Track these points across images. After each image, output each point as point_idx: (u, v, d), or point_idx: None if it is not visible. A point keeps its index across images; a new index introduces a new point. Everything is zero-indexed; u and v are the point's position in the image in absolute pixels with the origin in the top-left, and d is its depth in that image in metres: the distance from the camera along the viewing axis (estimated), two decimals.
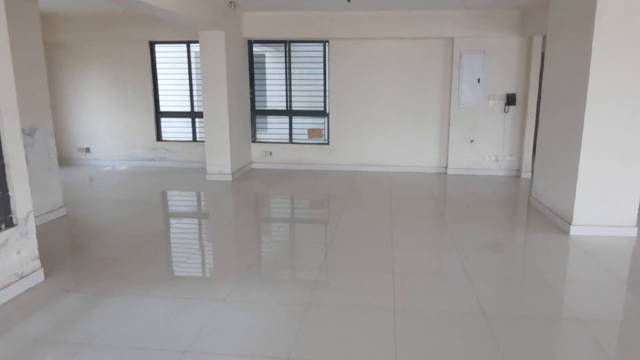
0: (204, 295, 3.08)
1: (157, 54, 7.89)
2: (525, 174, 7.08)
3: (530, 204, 5.46)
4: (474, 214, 5.18)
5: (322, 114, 7.59)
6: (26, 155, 4.61)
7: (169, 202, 5.98)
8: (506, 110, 7.06)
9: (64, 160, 8.42)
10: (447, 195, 6.25)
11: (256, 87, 7.78)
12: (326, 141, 7.70)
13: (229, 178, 6.86)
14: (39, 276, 3.30)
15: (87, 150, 8.38)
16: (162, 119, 8.12)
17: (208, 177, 6.91)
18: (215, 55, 6.53)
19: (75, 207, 5.39)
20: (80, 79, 8.07)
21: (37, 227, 4.58)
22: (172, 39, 7.64)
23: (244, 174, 7.34)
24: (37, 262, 3.31)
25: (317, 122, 7.71)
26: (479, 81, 6.99)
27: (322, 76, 7.48)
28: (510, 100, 6.96)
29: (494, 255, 3.95)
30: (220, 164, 6.87)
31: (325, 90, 7.51)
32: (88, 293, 3.12)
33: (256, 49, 7.72)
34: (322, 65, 7.44)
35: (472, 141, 7.22)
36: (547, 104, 5.11)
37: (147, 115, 8.03)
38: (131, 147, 8.22)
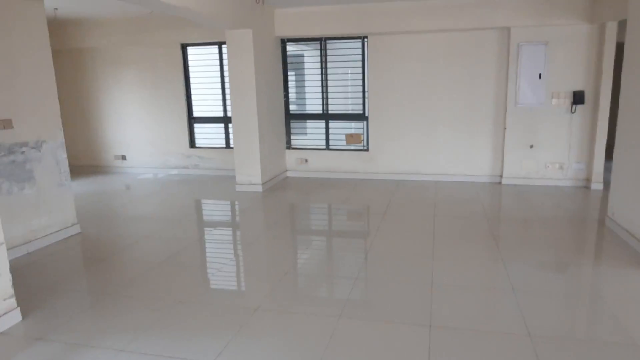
0: (189, 354, 2.54)
1: (189, 57, 7.57)
2: (596, 185, 6.06)
3: (605, 225, 4.54)
4: (536, 236, 4.36)
5: (361, 117, 6.94)
6: (31, 171, 4.36)
7: (190, 218, 5.56)
8: (573, 110, 6.08)
9: (101, 169, 8.33)
10: (502, 211, 5.41)
11: (290, 90, 7.25)
12: (365, 147, 7.04)
13: (259, 189, 6.38)
14: (14, 317, 2.89)
15: (123, 157, 8.23)
16: (196, 125, 7.80)
17: (237, 188, 6.46)
18: (243, 56, 6.05)
19: (94, 222, 5.10)
20: (115, 85, 7.91)
21: (43, 249, 4.29)
22: (203, 41, 7.27)
23: (276, 184, 6.84)
24: (12, 302, 2.90)
25: (355, 127, 7.07)
26: (540, 77, 6.06)
27: (360, 76, 6.82)
28: (578, 98, 5.98)
29: (565, 303, 3.13)
30: (249, 173, 6.40)
31: (364, 92, 6.85)
32: (60, 342, 2.65)
33: (290, 47, 7.19)
34: (360, 64, 6.78)
35: (531, 146, 6.29)
36: (629, 103, 4.18)
37: (180, 121, 7.74)
38: (165, 155, 7.96)
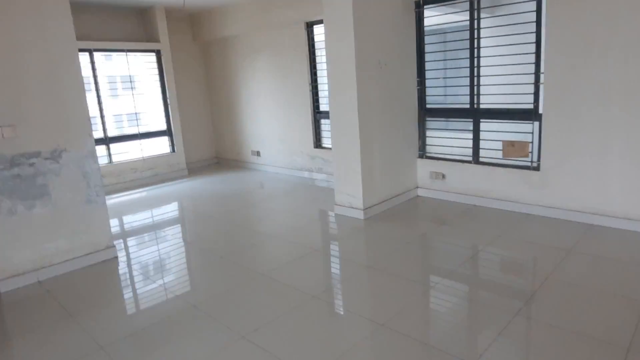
0: None
1: (315, 38, 6.20)
2: None
3: None
4: None
5: (530, 115, 4.33)
6: (45, 186, 3.72)
7: (238, 255, 4.17)
8: None
9: (241, 164, 7.90)
10: None
11: (428, 75, 5.10)
12: (534, 163, 4.39)
13: (360, 215, 4.61)
14: None
15: (258, 153, 7.56)
16: (322, 121, 6.44)
17: (337, 210, 4.85)
18: (339, 28, 4.33)
19: (147, 242, 4.33)
20: (252, 75, 7.26)
21: (58, 277, 3.59)
22: None
23: (396, 206, 4.92)
24: None
25: (519, 131, 4.48)
26: None
27: (533, 48, 4.21)
28: None
29: None
30: (349, 192, 4.69)
31: (537, 74, 4.22)
32: None
33: (429, 13, 5.02)
34: (533, 29, 4.17)
35: None
36: None
37: (305, 116, 6.52)
38: (292, 154, 6.90)
